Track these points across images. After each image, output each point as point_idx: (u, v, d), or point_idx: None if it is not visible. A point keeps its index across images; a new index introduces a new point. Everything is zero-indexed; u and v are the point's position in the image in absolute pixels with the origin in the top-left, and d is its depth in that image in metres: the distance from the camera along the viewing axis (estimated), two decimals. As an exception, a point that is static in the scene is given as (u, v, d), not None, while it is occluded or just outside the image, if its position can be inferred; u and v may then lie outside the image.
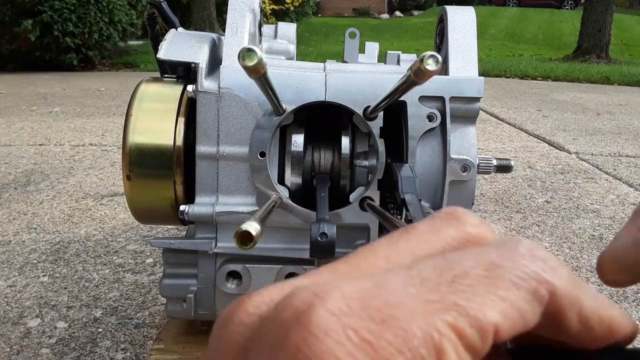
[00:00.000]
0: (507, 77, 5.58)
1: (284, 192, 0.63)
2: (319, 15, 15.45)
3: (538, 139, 2.61)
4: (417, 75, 0.38)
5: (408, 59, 0.74)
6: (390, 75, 0.64)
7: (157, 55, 0.65)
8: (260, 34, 0.76)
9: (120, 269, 1.16)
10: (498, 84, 4.84)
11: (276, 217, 0.63)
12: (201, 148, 0.62)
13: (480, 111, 0.69)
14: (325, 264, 0.17)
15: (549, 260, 0.17)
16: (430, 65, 0.37)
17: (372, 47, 0.89)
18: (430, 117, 0.63)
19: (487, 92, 3.78)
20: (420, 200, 0.56)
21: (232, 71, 0.63)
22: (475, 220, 0.19)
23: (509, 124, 2.99)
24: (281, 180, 0.65)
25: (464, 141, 0.65)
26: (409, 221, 0.52)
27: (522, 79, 5.56)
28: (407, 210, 0.54)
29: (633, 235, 0.23)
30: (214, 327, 0.17)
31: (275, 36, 0.81)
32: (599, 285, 1.13)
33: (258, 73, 0.39)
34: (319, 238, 0.50)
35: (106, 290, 1.06)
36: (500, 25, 12.55)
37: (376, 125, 0.62)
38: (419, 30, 11.66)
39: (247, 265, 0.65)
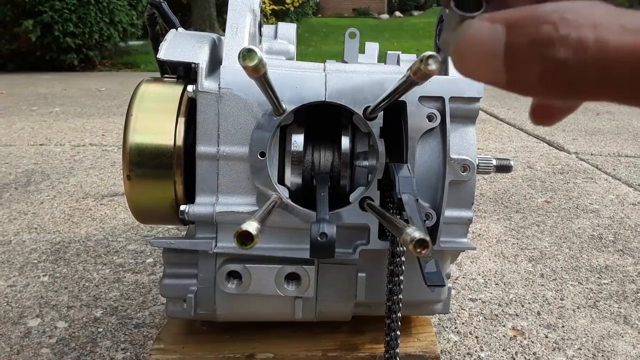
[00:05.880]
0: (507, 77, 5.57)
1: (284, 192, 0.63)
2: (319, 15, 15.45)
3: (537, 139, 2.61)
4: (417, 76, 0.38)
5: (408, 59, 0.75)
6: (390, 76, 0.64)
7: (157, 56, 0.65)
8: (260, 34, 0.76)
9: (120, 268, 1.16)
10: (498, 84, 4.84)
11: (276, 217, 0.63)
12: (201, 148, 0.63)
13: (480, 111, 0.69)
14: None
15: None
16: (431, 66, 0.37)
17: (372, 47, 0.89)
18: (430, 117, 0.63)
19: (487, 92, 3.77)
20: (417, 200, 0.56)
21: (232, 71, 0.63)
22: None
23: (508, 124, 2.99)
24: (281, 180, 0.65)
25: (464, 141, 0.65)
26: (405, 221, 0.52)
27: (522, 79, 5.55)
28: (403, 210, 0.54)
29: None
30: None
31: (275, 36, 0.81)
32: (598, 284, 1.13)
33: (258, 73, 0.39)
34: (319, 238, 0.50)
35: (106, 290, 1.06)
36: (500, 25, 12.50)
37: (376, 125, 0.62)
38: (419, 30, 11.65)
39: (247, 265, 0.65)
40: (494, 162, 0.70)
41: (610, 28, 0.18)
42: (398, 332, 0.60)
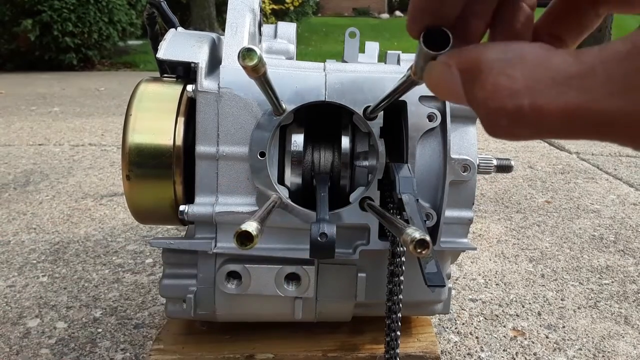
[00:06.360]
0: (507, 77, 5.57)
1: (283, 192, 0.63)
2: (319, 14, 15.45)
3: (538, 138, 2.61)
4: (417, 75, 0.38)
5: (408, 59, 0.74)
6: (390, 75, 0.64)
7: (156, 55, 0.65)
8: (260, 34, 0.76)
9: (119, 269, 1.16)
10: (498, 84, 4.83)
11: (276, 217, 0.62)
12: (201, 148, 0.62)
13: (481, 111, 0.69)
14: None
15: None
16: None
17: (372, 47, 0.89)
18: (430, 117, 0.63)
19: (487, 92, 3.75)
20: (417, 200, 0.56)
21: (231, 71, 0.62)
22: None
23: (508, 123, 2.99)
24: (281, 180, 0.64)
25: (464, 141, 0.65)
26: (405, 221, 0.52)
27: (522, 78, 5.55)
28: (403, 210, 0.53)
29: None
30: None
31: (275, 36, 0.81)
32: (599, 285, 1.13)
33: (258, 73, 0.38)
34: (318, 238, 0.50)
35: (106, 291, 1.06)
36: (500, 25, 12.51)
37: (376, 125, 0.62)
38: (418, 30, 11.61)
39: (246, 266, 0.65)
40: (495, 162, 0.69)
41: (542, 86, 0.20)
42: (398, 333, 0.60)
